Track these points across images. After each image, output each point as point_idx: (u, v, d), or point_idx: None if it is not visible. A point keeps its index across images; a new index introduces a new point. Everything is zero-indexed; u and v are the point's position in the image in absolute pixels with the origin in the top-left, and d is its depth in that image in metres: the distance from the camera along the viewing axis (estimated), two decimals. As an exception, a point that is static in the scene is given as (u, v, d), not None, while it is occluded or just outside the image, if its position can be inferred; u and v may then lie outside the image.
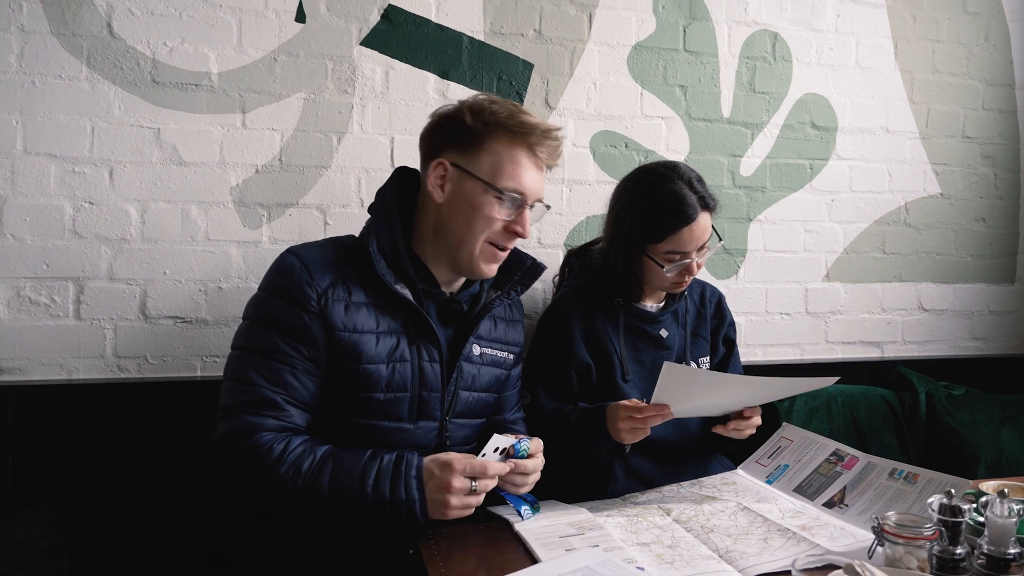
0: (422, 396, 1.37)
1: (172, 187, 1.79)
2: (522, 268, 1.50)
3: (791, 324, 2.32)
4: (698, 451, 1.73)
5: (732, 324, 1.86)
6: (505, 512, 1.35)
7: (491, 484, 1.24)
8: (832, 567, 1.02)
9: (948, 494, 1.18)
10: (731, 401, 1.58)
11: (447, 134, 1.39)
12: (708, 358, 1.79)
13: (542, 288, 2.04)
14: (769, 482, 1.56)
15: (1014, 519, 1.15)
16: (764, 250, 2.27)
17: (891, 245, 2.40)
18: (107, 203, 1.76)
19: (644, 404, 1.46)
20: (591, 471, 1.62)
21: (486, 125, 1.36)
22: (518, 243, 1.46)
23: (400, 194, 1.43)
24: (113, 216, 1.76)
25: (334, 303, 1.31)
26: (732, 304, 2.20)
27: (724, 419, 1.63)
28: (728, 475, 1.62)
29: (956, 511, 1.16)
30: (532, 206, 1.41)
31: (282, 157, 1.86)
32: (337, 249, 1.39)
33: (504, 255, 1.43)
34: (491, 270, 1.42)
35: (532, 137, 1.37)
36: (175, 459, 1.71)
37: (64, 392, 1.71)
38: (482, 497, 1.23)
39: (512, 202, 1.38)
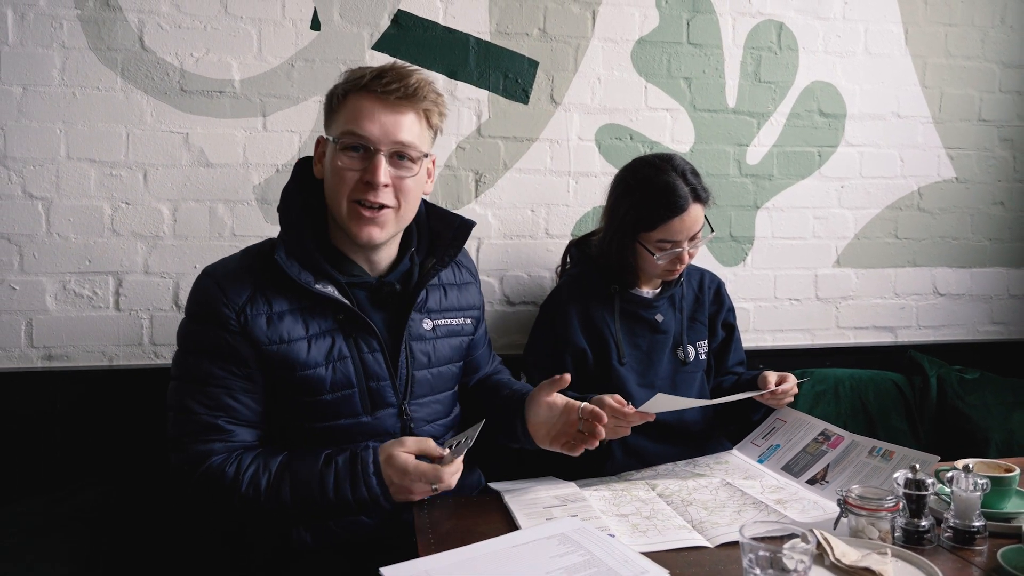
0: (371, 387, 1.36)
1: (200, 187, 1.93)
2: (452, 229, 1.45)
3: (801, 309, 2.35)
4: (696, 432, 1.79)
5: (732, 310, 1.91)
6: None
7: (450, 484, 1.24)
8: (792, 535, 1.08)
9: (912, 469, 1.23)
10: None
11: (324, 113, 1.39)
12: (706, 342, 1.85)
13: (549, 276, 2.13)
14: (760, 461, 1.62)
15: (978, 493, 1.20)
16: (772, 237, 2.30)
17: (904, 230, 2.40)
18: (142, 203, 1.90)
19: (628, 406, 1.48)
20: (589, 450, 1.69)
21: (345, 93, 1.34)
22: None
23: (306, 187, 1.39)
24: (147, 215, 1.91)
25: (254, 319, 1.29)
26: (739, 290, 2.26)
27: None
28: (722, 455, 1.68)
29: (920, 485, 1.21)
30: (395, 155, 1.32)
31: (300, 157, 1.97)
32: (252, 259, 1.36)
33: (376, 214, 1.32)
34: (368, 233, 1.32)
35: (366, 80, 1.31)
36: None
37: (106, 376, 1.88)
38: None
39: (355, 148, 1.30)
